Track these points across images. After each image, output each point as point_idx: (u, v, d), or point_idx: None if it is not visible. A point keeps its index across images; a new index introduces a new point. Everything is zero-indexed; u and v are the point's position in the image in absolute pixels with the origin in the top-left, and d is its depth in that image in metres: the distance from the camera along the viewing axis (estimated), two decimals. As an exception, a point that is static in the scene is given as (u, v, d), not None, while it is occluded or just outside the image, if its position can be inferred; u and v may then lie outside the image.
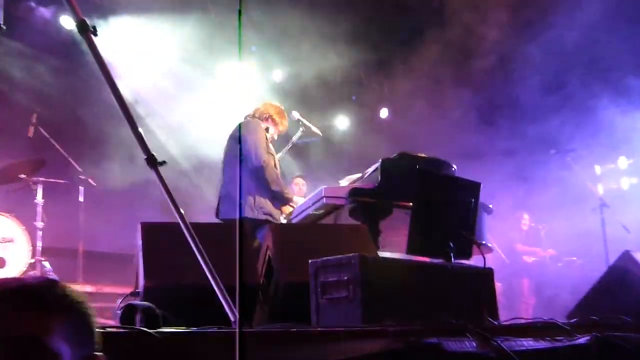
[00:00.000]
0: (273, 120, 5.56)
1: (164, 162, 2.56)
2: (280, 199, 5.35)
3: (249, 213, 5.15)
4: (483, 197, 4.01)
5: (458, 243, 3.65)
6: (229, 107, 7.98)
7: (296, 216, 5.23)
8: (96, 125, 7.84)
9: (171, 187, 2.60)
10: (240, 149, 5.34)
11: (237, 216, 5.16)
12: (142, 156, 2.57)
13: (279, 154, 5.82)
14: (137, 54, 8.05)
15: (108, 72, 2.56)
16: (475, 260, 4.28)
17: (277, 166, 5.46)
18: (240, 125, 5.45)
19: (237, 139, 5.35)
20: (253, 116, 5.54)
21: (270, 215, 5.22)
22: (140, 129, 2.55)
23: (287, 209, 5.50)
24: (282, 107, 5.73)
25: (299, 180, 7.97)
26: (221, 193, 5.34)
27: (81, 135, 8.05)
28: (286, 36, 8.74)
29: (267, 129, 5.50)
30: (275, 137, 5.63)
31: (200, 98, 8.51)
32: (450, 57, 9.68)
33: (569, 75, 9.27)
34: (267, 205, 5.23)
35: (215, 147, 6.21)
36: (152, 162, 2.54)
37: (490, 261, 3.69)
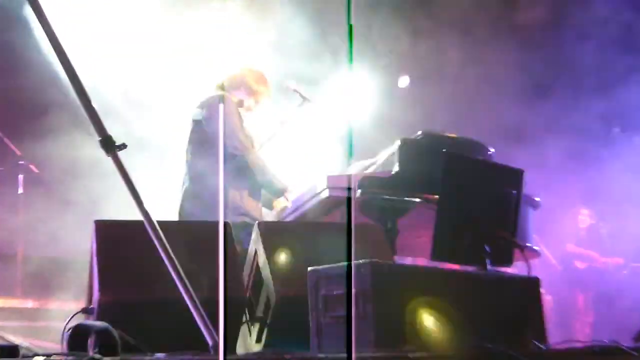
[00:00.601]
0: (248, 89, 5.46)
1: (123, 146, 2.57)
2: (272, 191, 5.33)
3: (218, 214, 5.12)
4: (528, 187, 4.02)
5: (496, 246, 3.66)
6: (205, 76, 7.97)
7: (292, 212, 5.24)
8: (39, 95, 7.81)
9: (134, 176, 2.61)
10: (224, 130, 5.31)
11: (221, 216, 5.17)
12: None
13: (269, 135, 5.79)
14: (90, 6, 8.02)
15: (52, 31, 2.57)
16: (517, 268, 4.29)
17: (254, 143, 5.43)
18: (207, 103, 5.34)
19: (201, 121, 5.28)
20: (222, 87, 5.46)
21: (247, 215, 5.20)
22: (93, 104, 2.56)
23: (279, 203, 5.50)
24: (263, 73, 5.65)
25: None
26: (185, 189, 5.31)
27: (19, 108, 8.04)
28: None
29: (240, 103, 5.45)
30: (253, 109, 5.56)
31: (168, 63, 8.49)
32: (490, 7, 9.63)
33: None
34: (244, 201, 5.21)
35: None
36: (109, 145, 2.55)
37: (538, 268, 3.72)
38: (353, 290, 3.10)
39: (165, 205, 5.92)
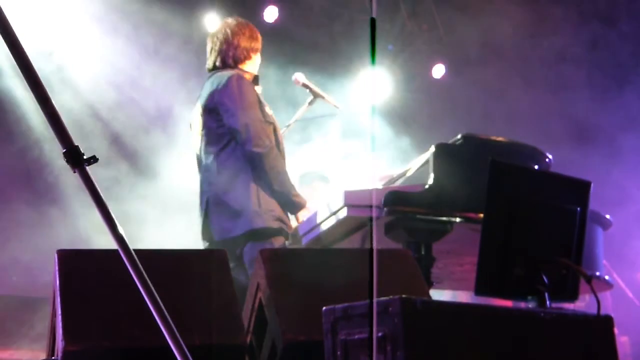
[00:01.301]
0: (250, 54, 5.54)
1: (94, 159, 2.59)
2: (287, 205, 5.30)
3: (256, 219, 5.12)
4: (595, 203, 4.01)
5: (556, 277, 3.66)
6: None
7: (304, 235, 5.25)
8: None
9: (107, 193, 2.63)
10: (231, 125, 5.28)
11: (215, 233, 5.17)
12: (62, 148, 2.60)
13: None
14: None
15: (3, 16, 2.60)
16: (585, 303, 4.29)
17: (280, 138, 5.43)
18: (220, 86, 5.36)
19: (216, 109, 5.30)
20: (224, 65, 5.47)
21: (282, 221, 5.22)
22: (55, 107, 2.58)
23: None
24: (244, 23, 5.66)
25: (318, 185, 7.94)
26: (208, 200, 5.31)
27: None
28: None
29: (256, 80, 5.50)
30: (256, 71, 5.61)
31: (149, 49, 8.55)
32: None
33: None
34: (276, 205, 5.23)
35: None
36: (75, 158, 2.57)
37: (609, 304, 3.70)
38: (378, 334, 3.11)
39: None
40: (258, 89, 5.47)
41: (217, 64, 5.49)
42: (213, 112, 5.31)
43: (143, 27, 8.29)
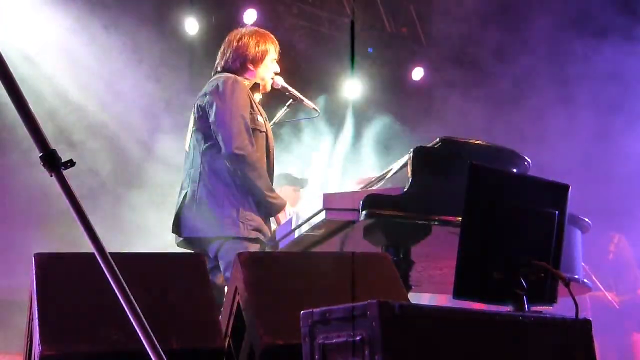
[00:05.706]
0: (255, 61, 5.59)
1: (71, 163, 2.58)
2: (265, 205, 5.28)
3: (232, 227, 5.13)
4: (574, 206, 4.03)
5: (534, 280, 3.68)
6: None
7: (282, 239, 5.25)
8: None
9: (83, 196, 2.63)
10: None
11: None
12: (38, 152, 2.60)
13: None
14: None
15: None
16: (565, 306, 4.31)
17: (271, 148, 5.48)
18: (213, 86, 5.39)
19: (205, 107, 5.32)
20: (226, 69, 5.52)
21: (260, 231, 5.23)
22: (32, 110, 2.57)
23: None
24: (264, 31, 5.75)
25: (287, 188, 7.94)
26: (185, 195, 5.32)
27: None
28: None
29: (254, 87, 5.57)
30: (268, 88, 5.68)
31: (131, 44, 8.55)
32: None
33: None
34: (256, 215, 5.23)
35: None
36: (52, 163, 2.56)
37: (589, 307, 3.69)
38: (356, 338, 3.12)
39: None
40: (257, 96, 5.51)
41: (219, 68, 5.60)
42: (204, 110, 5.37)
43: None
